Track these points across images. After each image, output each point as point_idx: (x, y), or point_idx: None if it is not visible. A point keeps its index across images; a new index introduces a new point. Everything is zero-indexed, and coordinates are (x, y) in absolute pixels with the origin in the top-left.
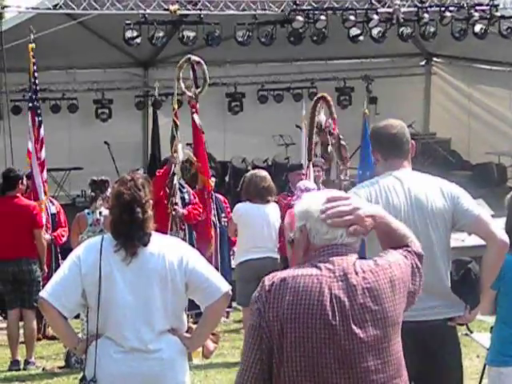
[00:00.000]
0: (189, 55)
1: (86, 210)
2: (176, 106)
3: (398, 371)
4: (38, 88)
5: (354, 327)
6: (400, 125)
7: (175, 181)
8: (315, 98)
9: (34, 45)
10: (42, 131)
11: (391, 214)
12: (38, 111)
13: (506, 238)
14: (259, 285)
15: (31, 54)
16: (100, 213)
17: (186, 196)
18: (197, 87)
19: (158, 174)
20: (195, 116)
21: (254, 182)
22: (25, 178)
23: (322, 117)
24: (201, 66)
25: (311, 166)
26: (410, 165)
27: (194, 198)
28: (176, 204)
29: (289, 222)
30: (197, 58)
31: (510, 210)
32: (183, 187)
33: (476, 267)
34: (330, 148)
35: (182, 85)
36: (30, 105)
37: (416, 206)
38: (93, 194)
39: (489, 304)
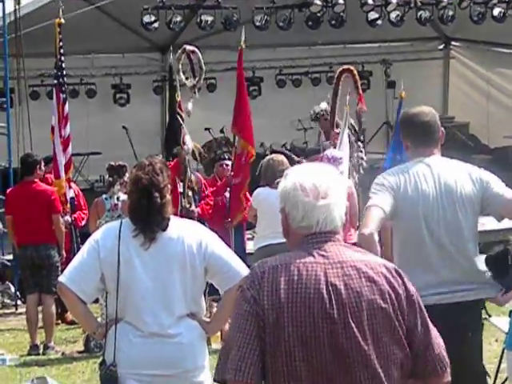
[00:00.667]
0: (184, 45)
1: (104, 196)
2: (178, 98)
3: (392, 363)
4: (63, 65)
5: (350, 316)
6: (431, 112)
7: (188, 173)
8: (340, 69)
9: (62, 20)
10: (66, 108)
11: (420, 200)
12: (63, 88)
13: None
14: (250, 271)
15: (58, 30)
16: (118, 198)
17: (195, 187)
18: (194, 76)
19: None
20: (189, 104)
21: (271, 166)
22: (43, 163)
23: (322, 104)
24: (196, 55)
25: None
26: (439, 152)
27: (206, 188)
28: (189, 204)
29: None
30: (191, 47)
31: None
32: (193, 175)
33: None
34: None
35: (182, 76)
36: (56, 82)
37: (445, 191)
38: (110, 179)
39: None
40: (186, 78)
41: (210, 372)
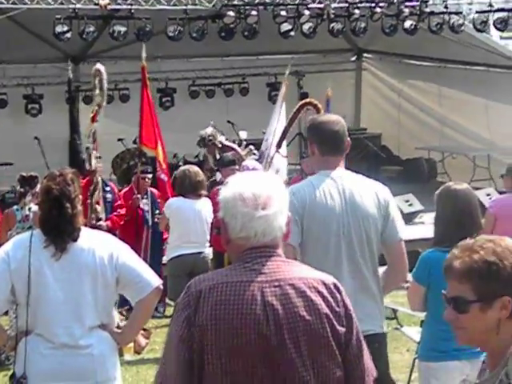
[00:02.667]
0: (96, 65)
1: (15, 207)
2: (90, 117)
3: (330, 383)
4: None
5: (287, 337)
6: (341, 122)
7: (96, 190)
8: (305, 101)
9: None
10: None
11: (326, 216)
12: None
13: (406, 277)
14: (185, 291)
15: None
16: (29, 209)
17: (109, 195)
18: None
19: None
20: (95, 124)
21: (188, 176)
22: None
23: (209, 129)
24: (100, 74)
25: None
26: (343, 162)
27: (119, 198)
28: (99, 219)
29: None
30: (98, 66)
31: (439, 205)
32: (106, 185)
33: None
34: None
35: (97, 92)
36: None
37: (351, 208)
38: (22, 189)
39: (420, 301)
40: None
41: (121, 383)
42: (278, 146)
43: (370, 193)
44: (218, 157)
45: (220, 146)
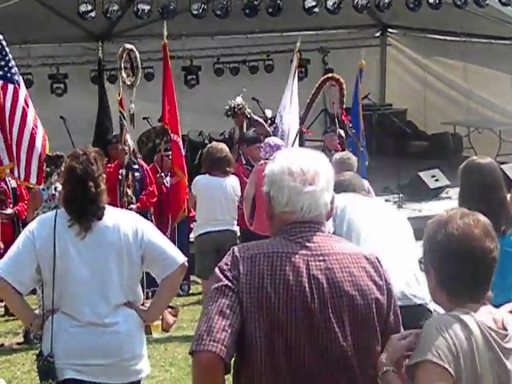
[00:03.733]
0: (124, 44)
1: (42, 186)
2: (119, 97)
3: (370, 358)
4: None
5: (330, 311)
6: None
7: (136, 174)
8: (327, 76)
9: None
10: (21, 96)
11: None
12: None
13: None
14: (230, 254)
15: None
16: (55, 188)
17: (137, 174)
18: (133, 75)
19: (108, 169)
20: (132, 105)
21: (211, 154)
22: None
23: (238, 99)
24: (133, 53)
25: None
26: None
27: (148, 174)
28: (130, 203)
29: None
30: (129, 46)
31: (463, 179)
32: (134, 163)
33: None
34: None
35: (124, 74)
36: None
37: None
38: (47, 169)
39: None
40: (127, 76)
41: (148, 360)
42: (302, 121)
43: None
44: (244, 129)
45: (249, 116)
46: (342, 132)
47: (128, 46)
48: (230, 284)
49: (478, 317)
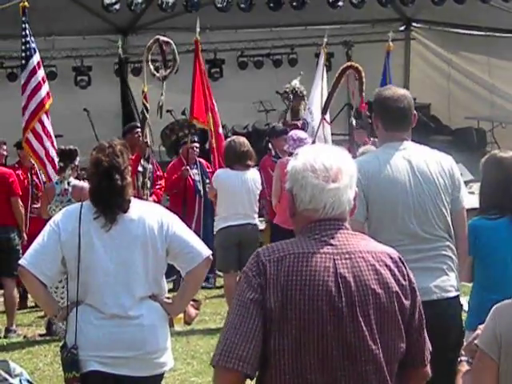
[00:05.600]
0: (157, 36)
1: (55, 180)
2: (146, 89)
3: (395, 356)
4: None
5: (358, 310)
6: (408, 98)
7: (149, 165)
8: (347, 65)
9: (26, 3)
10: (43, 89)
11: (392, 189)
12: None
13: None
14: (254, 258)
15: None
16: (68, 183)
17: (150, 166)
18: (166, 67)
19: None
20: (162, 97)
21: (232, 147)
22: (4, 146)
23: (294, 82)
24: (170, 46)
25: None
26: (409, 136)
27: (158, 169)
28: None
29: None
30: (165, 39)
31: (485, 173)
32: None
33: None
34: (301, 110)
35: (151, 67)
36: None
37: (419, 179)
38: (61, 163)
39: (467, 271)
40: (156, 69)
41: (171, 353)
42: (324, 112)
43: (436, 162)
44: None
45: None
46: (354, 121)
47: (163, 38)
48: (255, 295)
49: None
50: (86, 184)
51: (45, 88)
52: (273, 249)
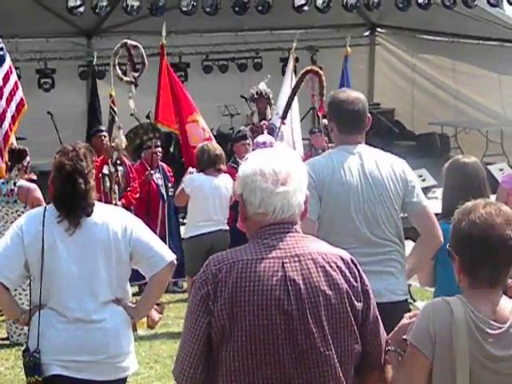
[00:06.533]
0: (124, 40)
1: (1, 180)
2: (113, 93)
3: (350, 359)
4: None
5: (308, 312)
6: (362, 101)
7: (120, 168)
8: (307, 69)
9: None
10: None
11: (344, 192)
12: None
13: (442, 238)
14: (203, 269)
15: None
16: (15, 183)
17: (120, 168)
18: (135, 71)
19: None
20: (131, 101)
21: (206, 151)
22: None
23: (261, 84)
24: (138, 50)
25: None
26: (363, 139)
27: (130, 170)
28: (115, 197)
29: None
30: (133, 42)
31: (447, 178)
32: (117, 158)
33: None
34: (268, 113)
35: (119, 71)
36: None
37: (370, 183)
38: (9, 163)
39: (429, 276)
40: (124, 73)
41: (134, 357)
42: (283, 117)
43: (388, 166)
44: (268, 115)
45: (272, 103)
46: (323, 123)
47: (131, 42)
48: (202, 305)
49: (473, 303)
50: (32, 185)
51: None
52: (222, 257)
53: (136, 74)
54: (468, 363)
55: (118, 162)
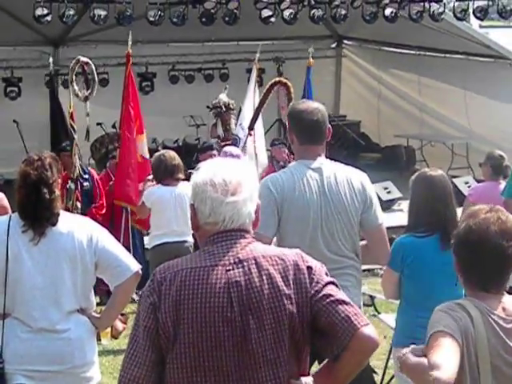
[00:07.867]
0: (78, 56)
1: None
2: (71, 109)
3: (296, 359)
4: None
5: (251, 317)
6: (321, 111)
7: (86, 183)
8: (275, 80)
9: None
10: None
11: (304, 209)
12: None
13: (387, 259)
14: (151, 277)
15: None
16: None
17: (86, 183)
18: (88, 88)
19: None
20: (87, 118)
21: (163, 161)
22: None
23: (222, 96)
24: (89, 67)
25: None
26: (324, 151)
27: (98, 185)
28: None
29: None
30: (85, 59)
31: (413, 190)
32: (85, 172)
33: None
34: (232, 124)
35: (76, 87)
36: None
37: (329, 198)
38: None
39: (394, 289)
40: (80, 89)
41: (98, 368)
42: (250, 128)
43: (347, 181)
44: (233, 126)
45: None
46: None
47: (83, 58)
48: (147, 315)
49: (483, 304)
50: None
51: None
52: (168, 265)
53: (87, 93)
54: (489, 358)
55: (86, 176)
